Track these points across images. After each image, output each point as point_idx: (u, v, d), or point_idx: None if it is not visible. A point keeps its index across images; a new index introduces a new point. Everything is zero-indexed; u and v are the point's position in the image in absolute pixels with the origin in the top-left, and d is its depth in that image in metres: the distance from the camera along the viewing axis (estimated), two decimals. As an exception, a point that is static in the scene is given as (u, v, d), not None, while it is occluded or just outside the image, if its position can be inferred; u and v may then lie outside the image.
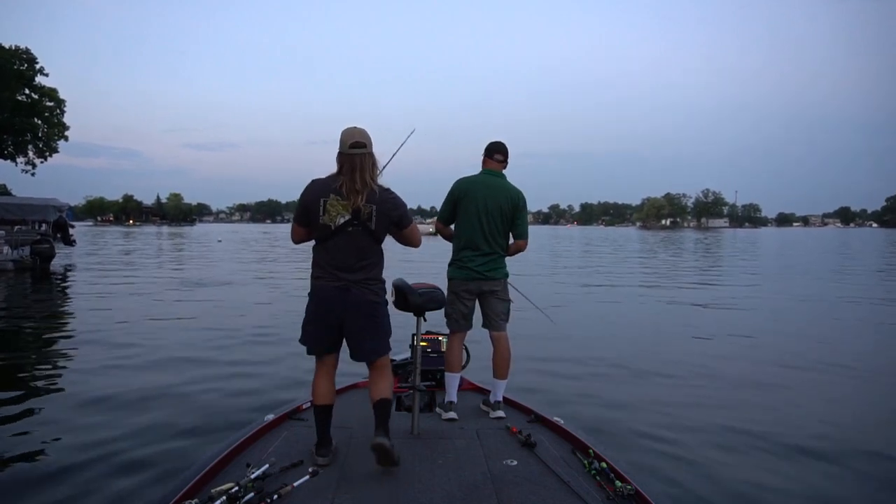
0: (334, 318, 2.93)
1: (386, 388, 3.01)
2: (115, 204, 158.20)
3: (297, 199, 3.05)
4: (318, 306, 2.94)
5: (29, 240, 19.70)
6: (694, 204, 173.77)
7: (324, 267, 2.93)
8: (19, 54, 36.26)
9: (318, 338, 2.98)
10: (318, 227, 2.91)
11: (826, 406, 5.13)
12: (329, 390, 3.00)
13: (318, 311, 2.94)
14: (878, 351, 7.86)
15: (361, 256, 2.93)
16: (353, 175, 2.85)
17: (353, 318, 2.93)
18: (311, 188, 2.94)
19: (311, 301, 2.97)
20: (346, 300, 2.90)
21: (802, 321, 9.99)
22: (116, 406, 5.14)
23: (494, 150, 3.83)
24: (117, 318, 9.89)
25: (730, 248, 38.66)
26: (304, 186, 2.95)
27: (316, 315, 2.95)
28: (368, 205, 2.88)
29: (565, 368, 6.56)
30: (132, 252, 31.49)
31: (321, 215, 2.88)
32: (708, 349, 7.58)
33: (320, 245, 2.95)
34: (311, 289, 2.98)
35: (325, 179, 2.93)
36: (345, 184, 2.86)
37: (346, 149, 2.88)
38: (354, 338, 2.98)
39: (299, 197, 2.96)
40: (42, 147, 38.46)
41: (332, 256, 2.91)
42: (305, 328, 3.00)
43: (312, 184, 2.95)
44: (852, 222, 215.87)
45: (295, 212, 3.02)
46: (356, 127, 2.94)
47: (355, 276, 2.92)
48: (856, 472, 3.85)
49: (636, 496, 2.57)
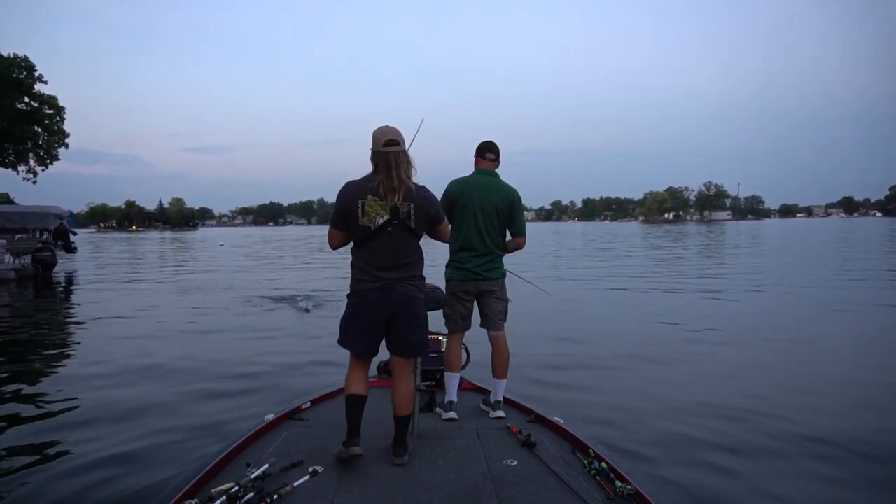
0: (380, 318, 2.92)
1: (410, 400, 3.04)
2: (117, 210, 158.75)
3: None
4: (362, 308, 2.92)
5: (30, 248, 19.65)
6: (696, 197, 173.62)
7: (365, 269, 2.90)
8: (18, 62, 36.26)
9: (365, 341, 2.97)
10: (357, 228, 2.86)
11: (828, 407, 5.08)
12: (365, 382, 3.00)
13: (364, 312, 2.92)
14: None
15: (402, 255, 2.93)
16: (389, 173, 2.82)
17: (399, 315, 2.94)
18: (346, 190, 2.88)
19: (354, 304, 2.95)
20: (391, 298, 2.89)
21: (808, 321, 9.91)
22: (116, 406, 5.15)
23: (486, 150, 3.83)
24: (117, 323, 9.96)
25: (731, 244, 38.53)
26: (339, 189, 2.90)
27: (361, 317, 2.93)
28: (406, 203, 2.87)
29: (565, 368, 6.54)
30: (134, 258, 31.58)
31: (360, 217, 2.83)
32: (709, 349, 7.54)
33: (360, 247, 2.91)
34: (351, 292, 2.97)
35: (360, 181, 2.89)
36: (381, 182, 2.83)
37: (379, 147, 2.85)
38: (401, 333, 2.97)
39: (336, 200, 2.92)
40: (43, 155, 38.49)
41: (374, 257, 2.88)
42: (346, 330, 2.98)
43: (347, 186, 2.90)
44: (856, 212, 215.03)
45: (332, 216, 2.96)
46: (388, 125, 2.92)
47: (398, 274, 2.92)
48: (856, 472, 3.81)
49: (636, 496, 2.57)
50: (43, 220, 21.37)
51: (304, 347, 7.68)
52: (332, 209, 3.02)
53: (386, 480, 2.76)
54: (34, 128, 37.58)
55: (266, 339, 8.33)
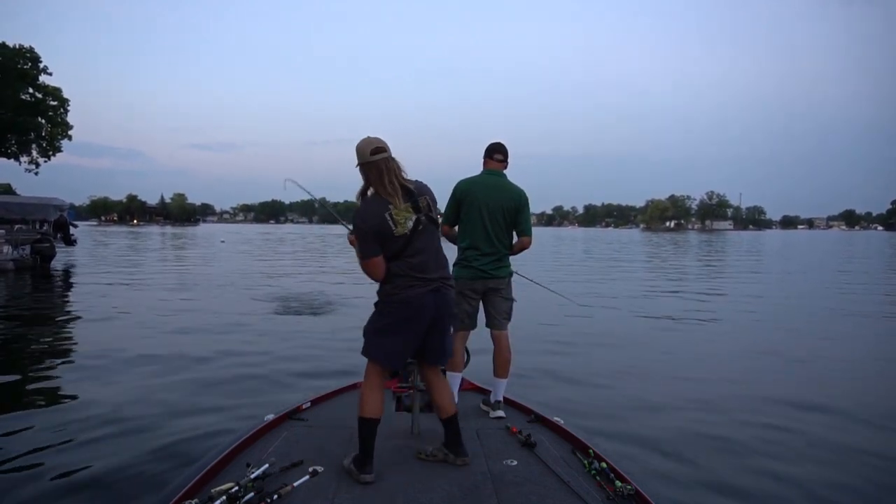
0: (425, 325, 2.84)
1: (453, 398, 3.02)
2: (119, 204, 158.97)
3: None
4: (409, 314, 2.81)
5: (29, 239, 19.68)
6: (698, 206, 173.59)
7: (407, 276, 2.79)
8: (23, 53, 36.26)
9: (405, 351, 2.90)
10: (395, 241, 2.77)
11: (830, 407, 5.09)
12: (382, 403, 2.88)
13: (410, 319, 2.82)
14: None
15: (437, 251, 2.91)
16: (382, 180, 2.77)
17: (442, 320, 2.90)
18: (367, 213, 2.77)
19: (397, 311, 2.83)
20: (439, 302, 2.85)
21: (813, 329, 9.91)
22: (116, 406, 5.12)
23: (494, 151, 3.86)
24: (115, 318, 9.91)
25: (734, 253, 38.52)
26: (357, 217, 2.78)
27: (405, 324, 2.83)
28: (423, 196, 2.86)
29: (566, 368, 6.54)
30: (133, 252, 31.56)
31: (394, 229, 2.76)
32: (710, 350, 7.54)
33: (398, 258, 2.80)
34: (392, 299, 2.82)
35: (371, 199, 2.80)
36: (381, 190, 2.77)
37: (367, 158, 2.79)
38: (440, 339, 2.93)
39: (360, 229, 2.76)
40: (45, 146, 38.49)
41: (417, 261, 2.80)
42: (382, 341, 2.87)
43: (365, 209, 2.78)
44: (857, 225, 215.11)
45: (362, 247, 2.78)
46: (369, 136, 2.87)
47: (439, 274, 2.88)
48: (857, 473, 3.82)
49: (636, 496, 2.57)
50: (43, 212, 21.39)
51: (305, 348, 7.66)
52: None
53: (386, 480, 2.75)
54: (38, 119, 37.58)
55: (266, 339, 8.31)
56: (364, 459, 2.78)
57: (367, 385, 2.89)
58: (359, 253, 2.80)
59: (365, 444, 2.79)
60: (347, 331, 8.59)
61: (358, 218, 2.79)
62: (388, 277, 2.82)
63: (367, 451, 2.79)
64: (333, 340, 7.99)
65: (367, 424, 2.81)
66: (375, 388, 2.87)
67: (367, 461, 2.78)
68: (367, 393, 2.86)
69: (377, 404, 2.84)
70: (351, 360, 6.56)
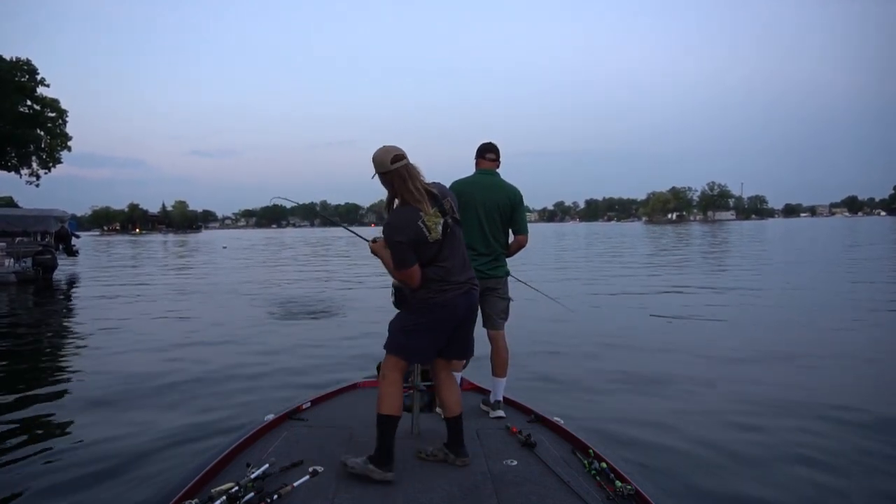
0: (452, 327, 2.89)
1: (460, 398, 3.05)
2: (120, 213, 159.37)
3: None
4: (444, 316, 2.84)
5: (31, 251, 19.62)
6: (700, 197, 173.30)
7: (441, 280, 2.81)
8: (20, 66, 36.39)
9: (436, 349, 2.93)
10: (430, 248, 2.78)
11: (831, 407, 5.05)
12: (402, 401, 2.89)
13: (445, 321, 2.85)
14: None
15: (463, 253, 2.94)
16: (407, 185, 2.75)
17: (469, 320, 2.96)
18: (403, 223, 2.74)
19: (433, 312, 2.83)
20: (470, 304, 2.90)
21: (816, 322, 9.87)
22: (116, 407, 5.17)
23: (486, 150, 3.88)
24: (117, 325, 9.94)
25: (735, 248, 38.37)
26: (391, 231, 2.76)
27: (441, 325, 2.85)
28: (446, 199, 2.87)
29: (566, 368, 6.52)
30: (135, 261, 31.64)
31: (429, 235, 2.76)
32: (710, 350, 7.51)
33: (431, 263, 2.80)
34: (427, 302, 2.82)
35: (400, 209, 2.78)
36: (409, 197, 2.75)
37: (388, 167, 2.76)
38: (466, 336, 2.99)
39: (396, 239, 2.74)
40: (45, 158, 38.63)
41: (449, 264, 2.82)
42: (416, 341, 2.86)
43: (399, 218, 2.76)
44: (860, 211, 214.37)
45: (400, 258, 2.75)
46: (385, 145, 2.84)
47: (467, 276, 2.91)
48: (857, 474, 3.78)
49: (636, 496, 2.56)
50: (44, 224, 21.31)
51: (304, 348, 7.67)
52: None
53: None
54: (37, 131, 37.71)
55: (265, 338, 8.33)
56: (385, 457, 2.75)
57: (387, 381, 2.85)
58: (394, 263, 2.78)
59: (386, 440, 2.77)
60: (347, 332, 8.63)
61: (393, 231, 2.75)
62: (422, 283, 2.81)
63: (388, 448, 2.77)
64: (333, 342, 8.00)
65: (389, 421, 2.79)
66: (396, 383, 2.85)
67: (389, 459, 2.76)
68: (388, 389, 2.83)
69: (399, 400, 2.83)
70: (350, 361, 6.63)
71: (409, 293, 2.87)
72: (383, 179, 2.82)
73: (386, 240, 2.82)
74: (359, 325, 9.25)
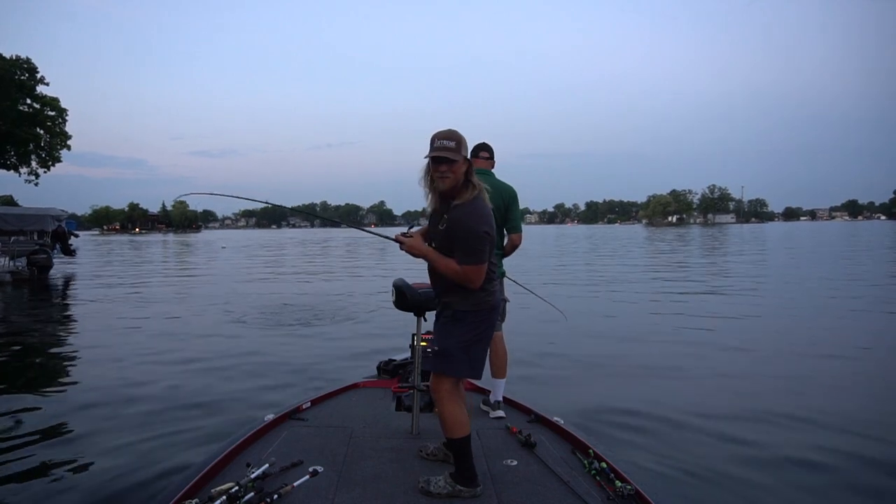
0: (493, 330, 2.82)
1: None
2: (120, 213, 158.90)
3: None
4: (492, 321, 2.73)
5: (26, 250, 19.47)
6: (700, 200, 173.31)
7: (489, 281, 2.67)
8: (20, 64, 36.36)
9: (484, 359, 2.77)
10: (492, 244, 2.64)
11: (832, 408, 5.05)
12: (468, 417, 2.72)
13: (490, 328, 2.73)
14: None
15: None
16: (473, 177, 2.64)
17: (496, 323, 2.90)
18: (489, 212, 2.60)
19: (487, 321, 2.69)
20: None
21: (816, 321, 9.87)
22: (116, 407, 5.16)
23: (480, 149, 3.88)
24: (114, 325, 9.92)
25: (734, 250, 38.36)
26: (479, 221, 2.54)
27: (487, 334, 2.73)
28: None
29: (566, 368, 6.52)
30: (134, 261, 31.59)
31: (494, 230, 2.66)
32: (710, 350, 7.52)
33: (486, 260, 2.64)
34: (483, 309, 2.66)
35: (482, 202, 2.61)
36: (477, 190, 2.61)
37: (468, 153, 2.64)
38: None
39: (485, 230, 2.53)
40: (45, 157, 38.59)
41: (488, 266, 2.65)
42: (472, 356, 2.66)
43: (486, 208, 2.60)
44: (860, 215, 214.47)
45: (479, 252, 2.53)
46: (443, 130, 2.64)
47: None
48: (857, 476, 3.78)
49: (636, 496, 2.56)
50: (40, 223, 21.03)
51: (304, 349, 7.66)
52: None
53: (385, 481, 2.75)
54: (36, 130, 37.67)
55: (265, 338, 8.32)
56: (472, 474, 2.63)
57: (452, 402, 2.65)
58: (473, 257, 2.53)
59: (467, 460, 2.63)
60: (347, 332, 8.62)
61: (482, 221, 2.54)
62: (482, 286, 2.63)
63: (470, 465, 2.64)
64: (333, 341, 7.99)
65: (465, 441, 2.63)
66: (460, 401, 2.69)
67: (475, 474, 2.65)
68: (455, 410, 2.64)
69: (468, 418, 2.66)
70: (351, 361, 6.62)
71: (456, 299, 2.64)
72: (466, 165, 2.60)
73: (464, 230, 2.53)
74: (359, 325, 9.25)
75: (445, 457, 2.95)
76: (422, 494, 2.59)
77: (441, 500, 2.57)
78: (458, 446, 2.63)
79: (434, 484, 2.61)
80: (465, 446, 2.62)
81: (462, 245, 2.54)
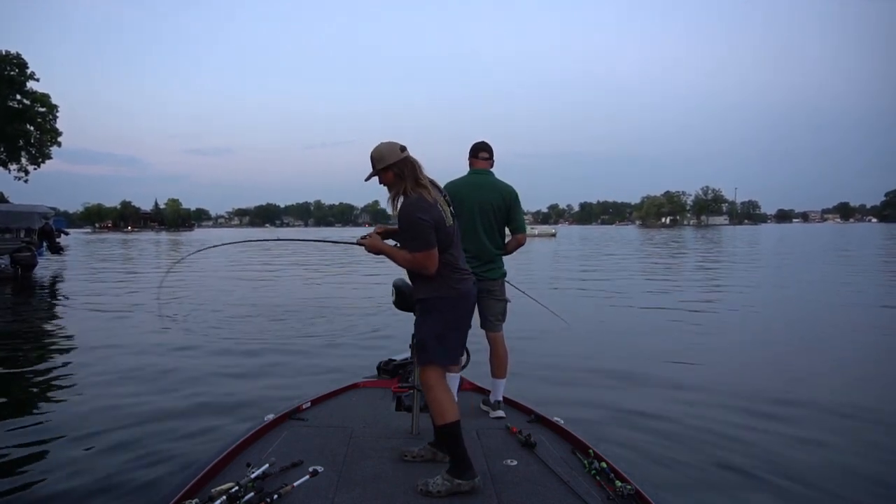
0: (471, 317, 2.92)
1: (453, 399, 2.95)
2: (113, 210, 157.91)
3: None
4: (465, 308, 2.85)
5: (9, 248, 19.13)
6: (693, 202, 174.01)
7: (457, 267, 2.81)
8: (10, 59, 36.03)
9: (461, 345, 2.95)
10: (447, 233, 2.77)
11: (833, 408, 5.07)
12: (456, 405, 2.82)
13: (465, 314, 2.87)
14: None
15: (460, 243, 2.95)
16: (416, 174, 2.78)
17: (472, 313, 2.96)
18: (426, 203, 2.71)
19: (454, 307, 2.80)
20: (475, 293, 2.93)
21: (813, 325, 9.92)
22: (116, 407, 5.12)
23: (479, 149, 3.85)
24: (104, 324, 9.86)
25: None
26: (415, 210, 2.69)
27: (462, 322, 2.86)
28: (445, 194, 2.92)
29: (566, 369, 6.53)
30: (124, 259, 31.40)
31: (447, 220, 2.77)
32: (710, 351, 7.55)
33: (445, 251, 2.77)
34: (447, 296, 2.78)
35: (420, 196, 2.73)
36: (419, 185, 2.76)
37: (400, 155, 2.78)
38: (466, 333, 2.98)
39: (423, 221, 2.67)
40: (35, 154, 38.28)
41: (457, 254, 2.84)
42: (445, 344, 2.81)
43: (420, 199, 2.72)
44: (852, 217, 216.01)
45: (425, 239, 2.68)
46: (383, 142, 2.85)
47: (467, 265, 2.94)
48: (856, 476, 3.80)
49: (636, 496, 2.56)
50: (27, 220, 20.73)
51: (304, 349, 7.64)
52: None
53: (385, 481, 2.75)
54: (26, 126, 37.36)
55: (264, 339, 8.29)
56: (466, 464, 2.65)
57: (437, 390, 2.75)
58: (416, 245, 2.69)
59: (460, 448, 2.66)
60: (346, 332, 8.61)
61: (416, 210, 2.69)
62: (439, 271, 2.75)
63: (464, 454, 2.66)
64: (333, 342, 7.97)
65: (455, 427, 2.69)
66: (445, 389, 2.79)
67: (469, 464, 2.66)
68: (440, 397, 2.74)
69: (454, 404, 2.77)
70: (351, 361, 6.61)
71: (422, 290, 2.81)
72: (391, 171, 2.78)
73: (406, 221, 2.72)
74: (359, 325, 9.22)
75: (433, 455, 2.95)
76: (422, 496, 2.59)
77: (441, 499, 2.57)
78: (448, 432, 2.70)
79: (432, 484, 2.62)
80: (455, 432, 2.69)
81: (406, 234, 2.76)
